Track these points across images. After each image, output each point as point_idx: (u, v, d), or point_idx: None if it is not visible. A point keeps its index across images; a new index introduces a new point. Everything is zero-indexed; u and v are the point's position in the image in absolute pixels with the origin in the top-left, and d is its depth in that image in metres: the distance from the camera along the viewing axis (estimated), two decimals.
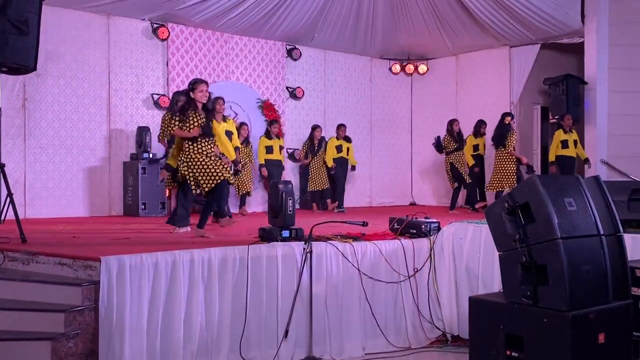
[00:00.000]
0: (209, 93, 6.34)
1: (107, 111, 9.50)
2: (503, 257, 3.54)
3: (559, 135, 9.89)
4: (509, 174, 9.87)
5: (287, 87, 11.52)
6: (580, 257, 3.32)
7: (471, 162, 10.57)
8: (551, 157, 9.90)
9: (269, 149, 10.13)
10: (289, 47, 11.50)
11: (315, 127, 10.92)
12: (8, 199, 5.70)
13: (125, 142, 9.61)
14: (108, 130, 9.51)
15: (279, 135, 10.36)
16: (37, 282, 4.61)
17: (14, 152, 8.55)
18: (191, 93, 6.19)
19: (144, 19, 9.76)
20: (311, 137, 10.84)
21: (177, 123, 6.22)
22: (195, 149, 6.19)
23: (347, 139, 10.94)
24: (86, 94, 9.28)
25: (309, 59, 11.91)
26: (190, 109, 6.18)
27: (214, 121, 6.56)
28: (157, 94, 9.89)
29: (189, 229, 6.82)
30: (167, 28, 9.88)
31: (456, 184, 10.58)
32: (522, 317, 3.40)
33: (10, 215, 5.76)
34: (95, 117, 9.38)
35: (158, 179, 7.52)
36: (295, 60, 11.61)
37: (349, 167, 11.10)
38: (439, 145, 10.78)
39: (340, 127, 10.92)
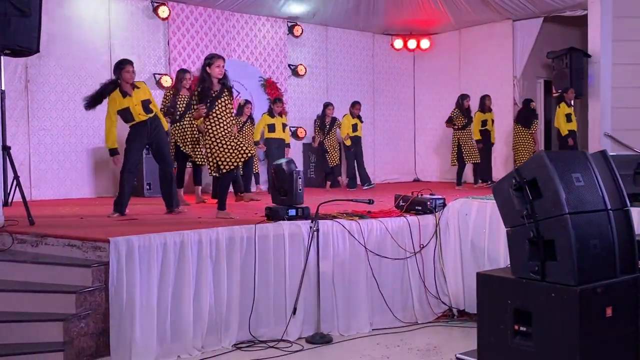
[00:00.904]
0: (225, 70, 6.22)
1: None
2: (511, 233, 3.55)
3: (564, 108, 9.93)
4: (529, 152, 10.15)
5: (289, 65, 11.46)
6: (587, 232, 3.34)
7: (478, 137, 10.58)
8: (564, 131, 9.96)
9: (271, 127, 10.05)
10: (290, 24, 11.42)
11: (327, 105, 10.76)
12: (15, 182, 5.72)
13: None
14: None
15: (282, 114, 10.29)
16: (47, 263, 4.66)
17: (18, 135, 8.55)
18: (207, 68, 5.97)
19: None
20: (323, 115, 10.74)
21: (195, 99, 6.05)
22: (213, 128, 6.01)
23: (360, 118, 10.81)
24: (88, 75, 9.24)
25: (311, 35, 11.83)
26: (206, 84, 6.00)
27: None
28: (159, 74, 9.85)
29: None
30: (167, 7, 9.80)
31: (457, 163, 10.60)
32: (530, 292, 3.43)
33: (17, 197, 5.78)
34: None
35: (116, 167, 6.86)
36: (296, 37, 11.53)
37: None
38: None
39: (355, 104, 10.75)
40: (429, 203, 5.97)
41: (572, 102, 10.05)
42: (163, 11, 9.76)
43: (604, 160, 3.69)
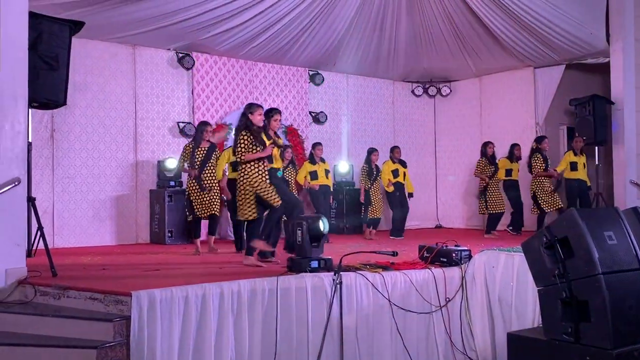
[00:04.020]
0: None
1: (134, 140, 9.59)
2: (542, 292, 3.46)
3: (569, 157, 9.94)
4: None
5: (310, 112, 11.55)
6: (622, 292, 3.24)
7: (503, 177, 10.54)
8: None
9: (313, 175, 9.76)
10: (311, 73, 11.54)
11: (372, 151, 10.33)
12: (39, 233, 5.75)
13: (151, 170, 9.68)
14: (135, 159, 9.59)
15: (323, 159, 10.06)
16: (68, 317, 4.62)
17: (42, 183, 8.64)
18: (249, 115, 6.16)
19: (169, 49, 9.88)
20: (368, 161, 10.30)
21: (245, 143, 6.07)
22: (257, 171, 6.14)
23: (403, 163, 10.44)
24: (113, 124, 9.39)
25: (332, 83, 11.95)
26: (254, 129, 6.15)
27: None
28: (183, 122, 9.96)
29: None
30: (192, 57, 9.99)
31: (486, 211, 10.42)
32: (563, 355, 3.32)
33: (40, 246, 5.80)
34: (122, 146, 9.46)
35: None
36: (317, 85, 11.65)
37: (406, 193, 10.50)
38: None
39: (395, 149, 10.42)
40: (454, 255, 5.86)
41: (581, 150, 9.99)
42: (187, 61, 9.93)
43: (636, 216, 3.60)
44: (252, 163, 6.15)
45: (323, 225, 5.52)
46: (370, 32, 10.62)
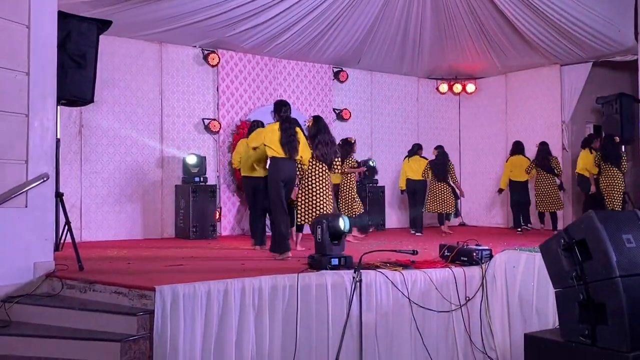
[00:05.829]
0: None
1: (160, 136, 9.73)
2: (560, 294, 3.46)
3: (590, 155, 9.77)
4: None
5: (334, 109, 11.58)
6: None
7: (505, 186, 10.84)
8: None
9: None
10: (335, 70, 11.57)
11: (435, 148, 10.79)
12: (66, 227, 5.88)
13: (177, 165, 9.81)
14: (160, 155, 9.73)
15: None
16: (94, 310, 4.73)
17: (70, 178, 8.82)
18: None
19: (195, 46, 10.00)
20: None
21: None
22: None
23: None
24: (140, 120, 9.54)
25: (356, 80, 11.96)
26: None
27: None
28: (208, 119, 10.07)
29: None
30: (217, 54, 10.09)
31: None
32: (579, 357, 3.32)
33: (68, 240, 5.95)
34: (148, 142, 9.61)
35: None
36: (341, 82, 11.68)
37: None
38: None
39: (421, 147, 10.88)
40: (474, 254, 5.86)
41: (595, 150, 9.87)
42: (213, 58, 10.04)
43: None
44: None
45: (343, 223, 5.57)
46: (395, 28, 10.60)
